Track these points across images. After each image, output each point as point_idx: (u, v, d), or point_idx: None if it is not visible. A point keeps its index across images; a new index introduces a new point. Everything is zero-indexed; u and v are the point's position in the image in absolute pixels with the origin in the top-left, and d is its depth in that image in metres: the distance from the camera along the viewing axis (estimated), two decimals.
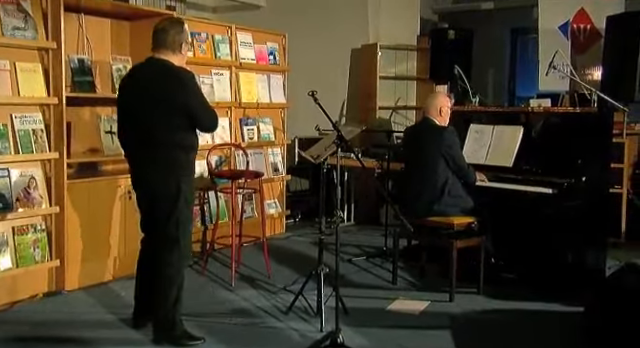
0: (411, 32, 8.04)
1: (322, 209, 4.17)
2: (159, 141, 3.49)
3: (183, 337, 3.62)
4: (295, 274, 4.95)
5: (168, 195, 3.52)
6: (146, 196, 3.64)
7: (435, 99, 4.88)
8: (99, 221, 4.66)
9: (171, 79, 3.50)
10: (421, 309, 4.32)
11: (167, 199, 3.52)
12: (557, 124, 4.86)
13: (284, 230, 6.70)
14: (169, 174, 3.52)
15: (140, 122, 3.54)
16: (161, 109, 3.47)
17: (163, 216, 3.54)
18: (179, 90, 3.47)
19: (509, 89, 9.06)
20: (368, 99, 7.62)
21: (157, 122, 3.48)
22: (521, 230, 4.70)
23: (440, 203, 4.59)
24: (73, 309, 4.20)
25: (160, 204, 3.54)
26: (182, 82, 3.49)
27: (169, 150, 3.50)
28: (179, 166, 3.54)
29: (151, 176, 3.55)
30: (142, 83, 3.57)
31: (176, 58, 3.60)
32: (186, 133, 3.55)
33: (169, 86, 3.49)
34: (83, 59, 4.77)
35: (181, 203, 3.54)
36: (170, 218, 3.53)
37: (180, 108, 3.48)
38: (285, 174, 6.68)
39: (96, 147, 4.92)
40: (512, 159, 4.87)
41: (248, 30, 6.24)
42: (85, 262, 4.58)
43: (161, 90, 3.49)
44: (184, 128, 3.53)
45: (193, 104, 3.51)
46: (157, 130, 3.49)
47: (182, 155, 3.54)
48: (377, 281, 4.96)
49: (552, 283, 4.54)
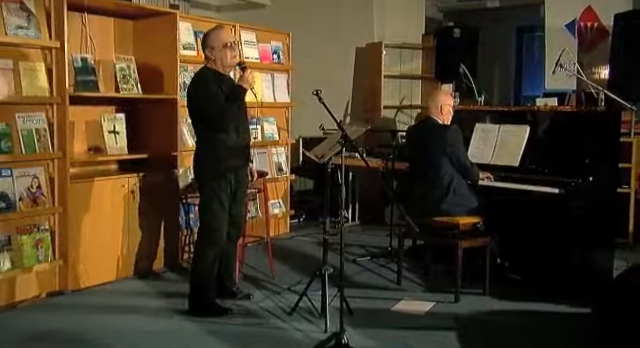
0: (416, 31, 8.04)
1: (326, 209, 4.17)
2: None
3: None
4: (299, 274, 4.96)
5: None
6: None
7: (436, 97, 4.89)
8: (103, 221, 4.66)
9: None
10: (426, 310, 4.31)
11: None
12: (564, 123, 4.83)
13: (288, 230, 6.71)
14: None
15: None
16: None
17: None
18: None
19: (515, 88, 9.07)
20: (373, 98, 7.61)
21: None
22: (527, 230, 4.68)
23: (446, 202, 4.58)
24: (76, 309, 4.21)
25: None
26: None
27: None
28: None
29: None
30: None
31: (208, 62, 4.08)
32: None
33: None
34: (86, 58, 4.77)
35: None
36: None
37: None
38: (289, 174, 6.68)
39: (99, 146, 4.93)
40: (518, 158, 4.86)
41: (252, 29, 6.25)
42: (89, 262, 4.58)
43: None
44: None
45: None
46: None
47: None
48: (382, 281, 4.95)
49: (559, 284, 4.52)
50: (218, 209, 4.02)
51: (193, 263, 4.21)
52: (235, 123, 4.00)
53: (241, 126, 4.07)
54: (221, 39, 4.01)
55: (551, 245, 4.58)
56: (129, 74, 5.04)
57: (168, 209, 5.14)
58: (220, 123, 3.93)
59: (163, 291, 4.59)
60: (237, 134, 4.03)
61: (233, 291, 4.40)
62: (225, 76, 4.09)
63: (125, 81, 5.00)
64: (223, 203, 4.03)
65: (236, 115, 3.99)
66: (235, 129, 4.01)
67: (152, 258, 5.06)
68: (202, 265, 4.10)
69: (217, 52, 3.99)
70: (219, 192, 4.00)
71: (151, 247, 5.04)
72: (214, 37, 4.03)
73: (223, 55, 3.99)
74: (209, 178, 4.02)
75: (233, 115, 3.95)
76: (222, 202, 4.02)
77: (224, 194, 4.02)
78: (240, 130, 4.06)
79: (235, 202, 4.18)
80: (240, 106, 4.01)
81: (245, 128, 4.13)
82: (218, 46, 3.99)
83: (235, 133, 4.02)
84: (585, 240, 4.49)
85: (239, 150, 4.08)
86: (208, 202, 4.04)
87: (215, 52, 4.00)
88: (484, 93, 5.86)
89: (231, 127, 3.98)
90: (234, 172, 4.08)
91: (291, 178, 6.74)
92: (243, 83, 3.93)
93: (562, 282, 4.51)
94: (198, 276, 4.12)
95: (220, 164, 4.00)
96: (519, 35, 8.98)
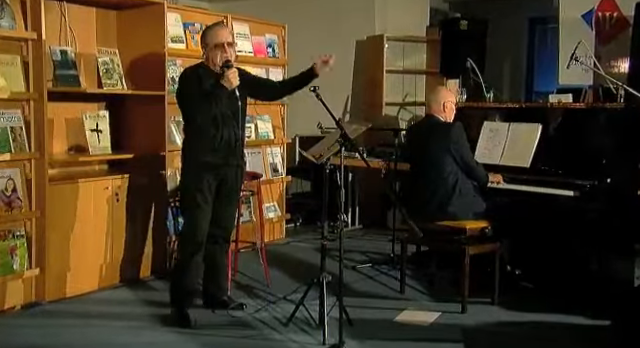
0: (420, 22, 8.01)
1: (325, 213, 4.16)
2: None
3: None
4: (296, 283, 4.94)
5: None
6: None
7: (438, 94, 4.89)
8: (84, 226, 4.63)
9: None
10: (431, 320, 4.29)
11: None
12: (579, 121, 4.82)
13: (284, 235, 6.71)
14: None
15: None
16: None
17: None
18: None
19: (526, 84, 9.09)
20: (374, 95, 7.61)
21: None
22: (539, 236, 4.69)
23: (451, 205, 4.57)
24: (54, 322, 4.17)
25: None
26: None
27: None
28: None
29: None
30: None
31: (205, 59, 4.22)
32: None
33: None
34: (66, 51, 4.74)
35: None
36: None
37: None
38: (285, 175, 6.68)
39: (81, 146, 4.89)
40: (529, 159, 4.85)
41: (245, 20, 6.24)
42: (68, 271, 4.54)
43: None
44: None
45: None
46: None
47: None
48: (384, 290, 4.95)
49: (574, 294, 4.50)
50: (192, 207, 4.13)
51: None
52: (212, 118, 4.06)
53: (226, 123, 4.11)
54: (214, 38, 4.14)
55: (565, 251, 4.58)
56: (113, 68, 5.02)
57: (155, 213, 5.13)
58: (192, 119, 4.10)
59: (149, 300, 4.57)
60: (217, 131, 4.08)
61: (224, 301, 4.42)
62: (214, 73, 4.13)
63: (108, 76, 4.98)
64: (198, 202, 4.10)
65: (213, 112, 4.04)
66: (215, 126, 4.08)
67: (138, 265, 5.03)
68: (177, 267, 4.29)
69: (209, 51, 4.15)
70: (193, 191, 4.11)
71: (137, 253, 5.01)
72: (208, 35, 4.19)
73: (213, 55, 4.12)
74: (184, 176, 4.20)
75: (207, 111, 4.02)
76: (197, 201, 4.10)
77: (200, 194, 4.09)
78: (224, 127, 4.10)
79: (220, 203, 4.23)
80: (217, 103, 4.01)
81: (232, 125, 4.15)
82: (210, 45, 4.14)
83: (215, 129, 4.08)
84: (602, 246, 4.45)
85: (220, 148, 4.11)
86: (183, 200, 4.29)
87: (207, 50, 4.16)
88: (493, 89, 5.84)
89: (209, 124, 4.06)
90: (213, 171, 4.12)
91: (287, 180, 6.75)
92: (224, 82, 3.98)
93: (578, 291, 4.49)
94: (172, 278, 4.35)
95: (195, 161, 4.13)
96: (531, 27, 8.96)
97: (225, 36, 4.16)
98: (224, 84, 3.95)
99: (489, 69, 6.99)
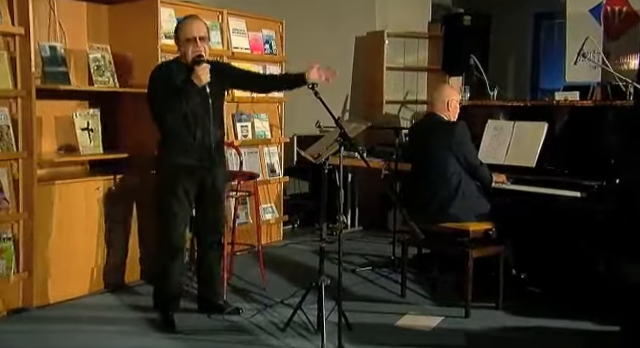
0: (422, 18, 7.99)
1: (323, 214, 4.16)
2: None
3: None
4: (293, 286, 4.93)
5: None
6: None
7: (442, 92, 4.89)
8: (74, 228, 4.60)
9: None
10: (433, 325, 4.29)
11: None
12: (587, 119, 4.81)
13: (281, 237, 6.72)
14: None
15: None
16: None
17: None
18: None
19: (532, 81, 9.10)
20: (374, 93, 7.61)
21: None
22: (545, 238, 4.66)
23: (454, 207, 4.56)
24: (42, 328, 4.15)
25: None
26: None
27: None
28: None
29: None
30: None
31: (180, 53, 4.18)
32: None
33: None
34: (55, 47, 4.71)
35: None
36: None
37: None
38: (282, 176, 6.68)
39: (71, 145, 4.87)
40: (535, 159, 4.85)
41: (241, 16, 6.21)
42: (57, 274, 4.51)
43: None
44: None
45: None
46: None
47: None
48: (384, 294, 4.95)
49: (581, 298, 4.48)
50: (168, 213, 4.13)
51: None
52: (183, 118, 4.03)
53: (198, 123, 4.08)
54: (185, 32, 4.10)
55: (572, 254, 4.56)
56: (104, 65, 4.99)
57: (149, 215, 5.04)
58: (162, 119, 4.05)
59: (139, 306, 4.53)
60: (189, 131, 4.06)
61: (220, 305, 4.41)
62: (187, 68, 4.08)
63: (100, 73, 4.95)
64: (174, 209, 4.11)
65: (184, 110, 4.00)
66: (187, 126, 4.05)
67: (129, 269, 5.00)
68: (158, 272, 4.29)
69: (181, 45, 4.11)
70: (169, 196, 4.12)
71: (129, 257, 4.98)
72: (180, 29, 4.15)
73: (185, 49, 4.08)
74: (158, 179, 4.22)
75: (177, 109, 3.99)
76: (172, 207, 4.11)
77: (175, 200, 4.09)
78: (196, 128, 4.07)
79: (204, 208, 4.26)
80: (188, 101, 3.98)
81: (205, 125, 4.12)
82: (182, 39, 4.10)
83: (187, 130, 4.05)
84: (611, 248, 4.43)
85: (193, 149, 4.09)
86: (158, 205, 4.22)
87: (179, 45, 4.13)
88: (497, 87, 5.83)
89: (180, 124, 4.03)
90: (188, 174, 4.11)
91: (284, 180, 6.73)
92: (194, 78, 3.96)
93: (585, 296, 4.47)
94: (154, 284, 4.43)
95: (168, 164, 4.14)
96: (537, 22, 8.96)
97: (197, 30, 4.10)
98: (194, 80, 3.94)
99: (493, 66, 7.02)
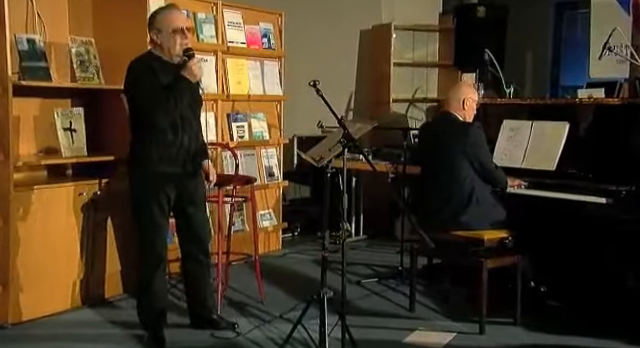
0: (432, 9, 8.01)
1: (325, 221, 4.15)
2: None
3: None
4: (293, 299, 4.95)
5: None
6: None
7: (458, 89, 4.91)
8: (55, 237, 4.55)
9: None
10: (445, 342, 4.29)
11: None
12: (613, 119, 4.78)
13: (280, 246, 6.74)
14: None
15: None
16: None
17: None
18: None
19: (552, 77, 9.14)
20: (380, 90, 7.62)
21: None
22: (568, 248, 4.64)
23: (467, 214, 4.56)
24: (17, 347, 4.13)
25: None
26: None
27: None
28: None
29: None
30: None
31: (153, 47, 4.09)
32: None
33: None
34: (34, 40, 4.68)
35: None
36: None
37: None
38: (282, 180, 6.70)
39: (52, 147, 4.85)
40: (555, 162, 4.83)
41: (237, 7, 6.22)
42: (36, 288, 4.46)
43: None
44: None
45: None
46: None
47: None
48: (391, 307, 4.94)
49: (608, 314, 4.43)
50: (148, 222, 4.07)
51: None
52: (172, 121, 3.97)
53: (184, 126, 4.04)
54: (171, 22, 4.00)
55: (597, 266, 4.52)
56: (88, 60, 5.00)
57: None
58: (150, 123, 3.93)
59: (127, 321, 4.47)
60: (175, 134, 4.01)
61: (214, 320, 4.39)
62: (169, 64, 4.05)
63: (83, 68, 4.95)
64: (155, 218, 4.04)
65: (173, 111, 3.94)
66: (172, 128, 3.99)
67: (115, 282, 4.97)
68: (140, 287, 4.20)
69: (164, 37, 3.99)
70: (150, 204, 4.03)
71: (115, 269, 4.95)
72: (162, 19, 4.03)
73: (172, 42, 3.98)
74: (137, 188, 4.08)
75: (168, 110, 3.91)
76: (153, 216, 4.04)
77: (157, 207, 4.03)
78: (182, 130, 4.03)
79: (185, 216, 4.21)
80: (180, 101, 3.93)
81: (192, 128, 4.11)
82: (166, 30, 3.99)
83: (172, 133, 4.00)
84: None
85: (178, 157, 4.05)
86: (137, 215, 4.12)
87: (162, 36, 4.00)
88: (514, 84, 5.82)
89: (166, 125, 3.96)
90: (171, 182, 4.06)
91: (284, 185, 6.75)
92: (187, 74, 3.90)
93: (612, 312, 4.43)
94: (137, 300, 4.27)
95: (150, 172, 4.02)
96: (558, 13, 8.99)
97: (182, 19, 4.07)
98: (186, 76, 3.88)
99: (509, 61, 6.98)
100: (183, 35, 3.97)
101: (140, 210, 4.07)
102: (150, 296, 4.13)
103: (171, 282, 5.07)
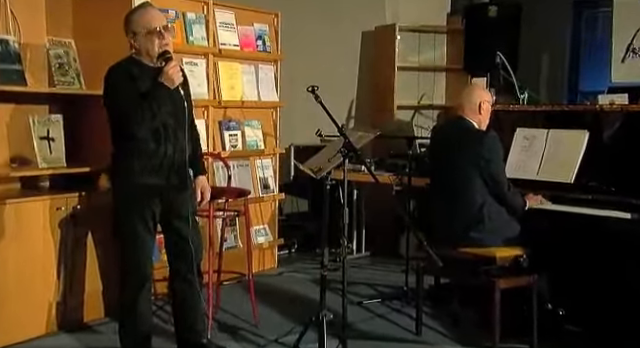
0: (440, 9, 8.07)
1: (325, 237, 4.17)
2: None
3: None
4: (290, 322, 4.95)
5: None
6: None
7: (472, 92, 4.89)
8: (30, 255, 4.51)
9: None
10: None
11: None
12: (637, 127, 4.75)
13: (276, 264, 6.74)
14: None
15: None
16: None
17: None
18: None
19: (569, 82, 9.16)
20: (384, 96, 7.65)
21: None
22: (588, 267, 4.62)
23: (478, 229, 4.52)
24: None
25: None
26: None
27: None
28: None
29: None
30: None
31: (134, 52, 4.04)
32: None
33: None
34: (7, 41, 4.68)
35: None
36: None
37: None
38: (277, 192, 6.70)
39: (26, 157, 4.83)
40: (573, 173, 4.79)
41: (230, 7, 6.22)
42: (7, 312, 4.40)
43: None
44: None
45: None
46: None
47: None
48: (396, 331, 4.92)
49: (632, 340, 4.40)
50: (132, 238, 4.04)
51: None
52: (153, 130, 3.94)
53: (169, 137, 4.00)
54: (145, 23, 3.95)
55: (620, 287, 4.48)
56: (67, 63, 5.02)
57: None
58: (130, 133, 3.89)
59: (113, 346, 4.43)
60: (157, 144, 3.97)
61: (203, 344, 4.33)
62: (152, 69, 4.00)
63: (62, 72, 4.98)
64: (139, 234, 4.02)
65: (151, 121, 3.89)
66: (154, 138, 3.95)
67: (95, 304, 4.93)
68: (122, 309, 4.14)
69: (140, 39, 3.95)
70: (134, 219, 4.01)
71: (95, 289, 4.91)
72: (136, 21, 3.98)
73: (149, 43, 3.94)
74: (120, 201, 4.08)
75: (145, 119, 3.87)
76: (138, 232, 4.02)
77: (141, 223, 4.01)
78: (165, 140, 3.98)
79: (173, 233, 4.17)
80: (157, 109, 3.88)
81: (177, 138, 4.06)
82: (141, 32, 3.94)
83: (154, 143, 3.96)
84: None
85: (162, 168, 4.01)
86: (120, 230, 4.11)
87: (139, 40, 3.96)
88: (528, 89, 5.82)
89: (147, 135, 3.92)
90: (155, 195, 4.02)
91: (280, 198, 6.75)
92: (164, 80, 3.85)
93: (636, 337, 4.38)
94: (120, 324, 4.19)
95: (133, 185, 4.00)
96: (576, 12, 9.01)
97: (159, 19, 4.00)
98: (165, 82, 3.83)
99: (523, 64, 7.01)
100: (161, 36, 3.92)
101: (122, 224, 4.06)
102: (134, 319, 4.07)
103: (157, 303, 5.07)
